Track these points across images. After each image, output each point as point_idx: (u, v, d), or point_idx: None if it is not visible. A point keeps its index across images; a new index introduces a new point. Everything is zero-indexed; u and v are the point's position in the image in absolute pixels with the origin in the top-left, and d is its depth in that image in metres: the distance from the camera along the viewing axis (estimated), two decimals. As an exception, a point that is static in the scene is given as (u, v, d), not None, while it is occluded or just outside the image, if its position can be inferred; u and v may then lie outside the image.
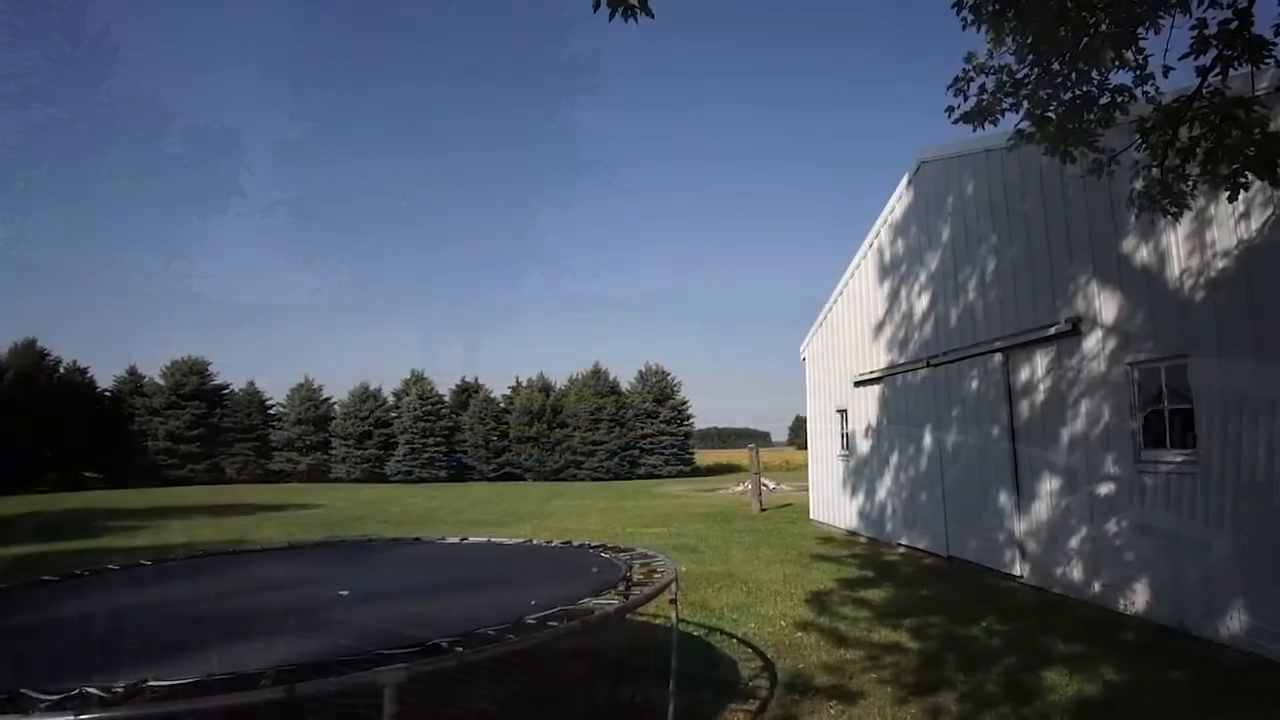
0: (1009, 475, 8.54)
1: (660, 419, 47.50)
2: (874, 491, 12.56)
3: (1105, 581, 7.00)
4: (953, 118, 4.30)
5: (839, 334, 14.50)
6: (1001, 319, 8.80)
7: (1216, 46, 3.65)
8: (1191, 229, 6.00)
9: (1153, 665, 5.37)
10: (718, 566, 10.30)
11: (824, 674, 5.45)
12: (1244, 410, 5.53)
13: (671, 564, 4.98)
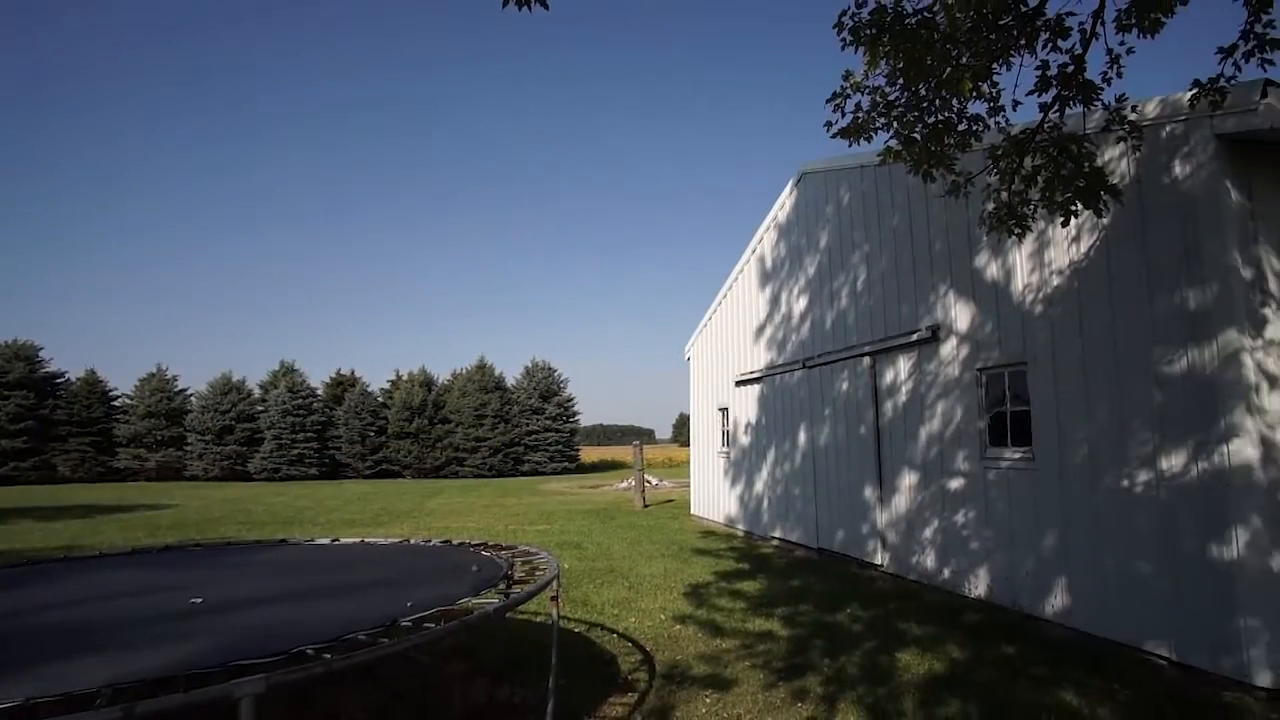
0: (873, 471, 9.13)
1: (546, 415, 47.17)
2: (752, 486, 13.06)
3: (953, 568, 7.64)
4: (830, 132, 4.52)
5: (722, 335, 14.96)
6: (871, 324, 9.40)
7: (1056, 86, 4.06)
8: (1033, 249, 6.65)
9: (990, 642, 5.92)
10: (600, 562, 10.37)
11: (701, 664, 5.61)
12: (1071, 412, 6.20)
13: (554, 561, 4.96)
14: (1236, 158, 5.07)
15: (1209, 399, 5.01)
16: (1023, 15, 3.96)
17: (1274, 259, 5.09)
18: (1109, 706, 4.54)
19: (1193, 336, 5.15)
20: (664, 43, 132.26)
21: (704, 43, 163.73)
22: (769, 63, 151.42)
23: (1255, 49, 3.56)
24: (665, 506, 19.53)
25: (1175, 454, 5.24)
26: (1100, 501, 5.86)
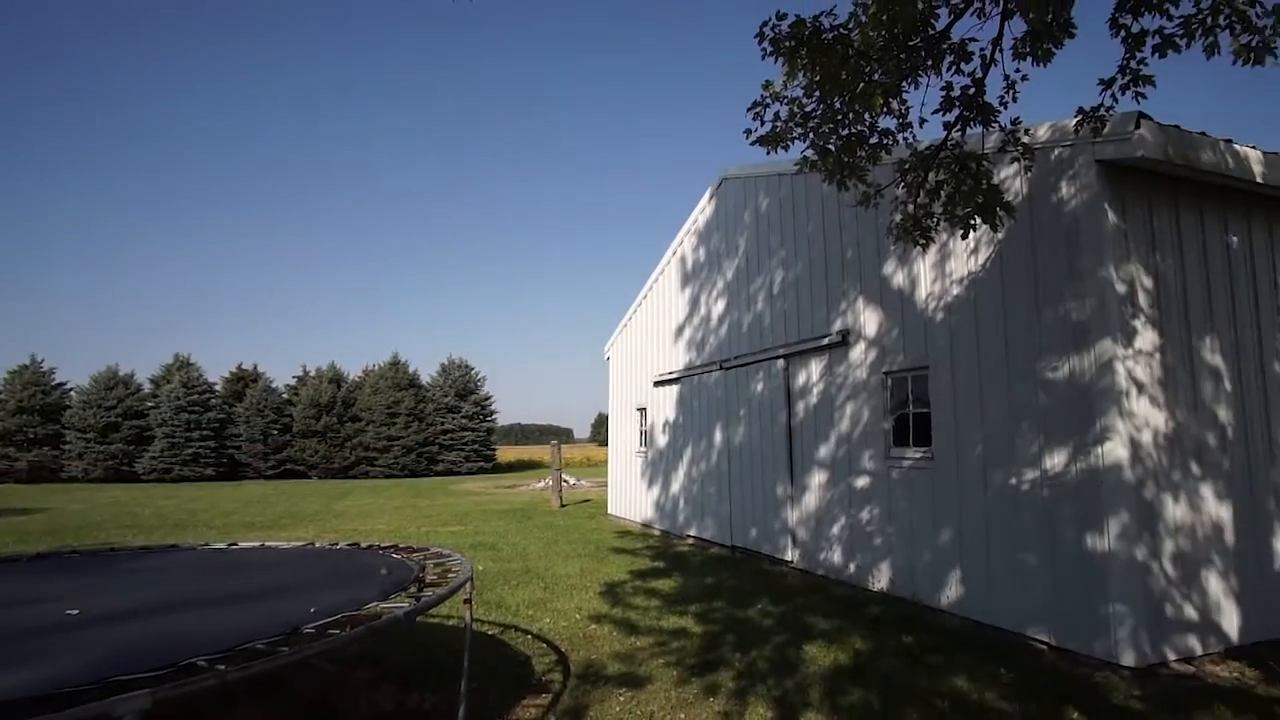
0: (786, 470, 9.41)
1: (462, 414, 46.16)
2: (669, 486, 13.21)
3: (858, 563, 7.97)
4: (750, 139, 4.63)
5: (642, 335, 15.06)
6: (786, 328, 9.68)
7: (958, 107, 4.30)
8: (936, 259, 7.03)
9: (891, 633, 6.21)
10: (516, 563, 10.24)
11: (615, 662, 5.63)
12: (967, 414, 6.59)
13: (467, 563, 4.87)
14: (1114, 181, 5.52)
15: (1087, 403, 5.43)
16: (930, 38, 4.17)
17: (1143, 276, 5.57)
18: (995, 690, 4.85)
19: (1074, 345, 5.56)
20: (596, 46, 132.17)
21: (631, 48, 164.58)
22: (693, 69, 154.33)
23: (1130, 83, 3.89)
24: (583, 506, 19.49)
25: (1057, 454, 5.65)
26: (991, 498, 6.25)
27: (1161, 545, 5.28)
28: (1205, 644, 5.34)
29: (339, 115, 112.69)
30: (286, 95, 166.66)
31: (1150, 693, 4.72)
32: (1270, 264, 6.27)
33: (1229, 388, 5.82)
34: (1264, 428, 5.95)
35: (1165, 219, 5.77)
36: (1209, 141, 5.52)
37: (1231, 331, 5.92)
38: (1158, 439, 5.40)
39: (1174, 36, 3.64)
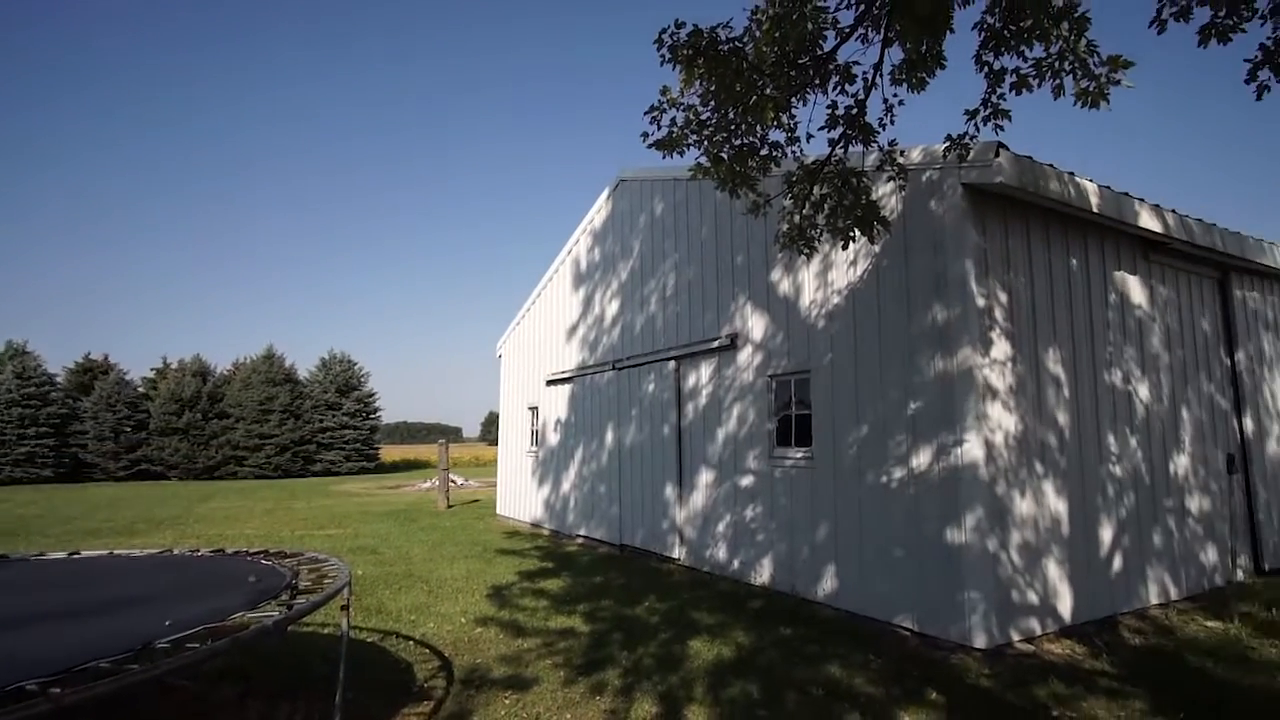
0: (675, 469, 9.60)
1: (343, 411, 43.94)
2: (559, 486, 13.14)
3: (741, 559, 8.25)
4: (646, 143, 4.69)
5: (535, 333, 14.91)
6: (677, 330, 9.87)
7: (842, 125, 4.55)
8: (819, 268, 7.38)
9: (771, 626, 6.47)
10: (398, 567, 9.87)
11: (501, 665, 5.54)
12: (845, 416, 6.97)
13: (345, 568, 4.65)
14: (976, 204, 6.01)
15: (949, 406, 5.87)
16: (818, 58, 4.38)
17: (1000, 291, 6.10)
18: (864, 675, 5.16)
19: (940, 353, 6.01)
20: (493, 45, 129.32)
21: (529, 49, 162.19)
22: (591, 70, 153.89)
23: (991, 115, 4.25)
24: (471, 507, 19.05)
25: (923, 453, 6.08)
26: (865, 495, 6.64)
27: (1009, 537, 5.79)
28: (1044, 625, 5.92)
29: (219, 84, 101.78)
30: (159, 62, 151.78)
31: (997, 671, 5.17)
32: (1102, 285, 7.03)
33: (1067, 395, 6.47)
34: (1095, 431, 6.66)
35: (1019, 239, 6.35)
36: (1056, 172, 6.12)
37: (1070, 344, 6.59)
38: (1008, 440, 5.92)
39: (1028, 76, 4.01)
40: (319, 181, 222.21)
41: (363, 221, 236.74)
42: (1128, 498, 6.82)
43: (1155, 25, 3.76)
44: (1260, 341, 8.84)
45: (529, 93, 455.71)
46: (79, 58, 66.54)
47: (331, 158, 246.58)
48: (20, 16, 75.61)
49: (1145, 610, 6.66)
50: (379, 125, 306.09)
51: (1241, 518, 8.13)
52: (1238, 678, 4.99)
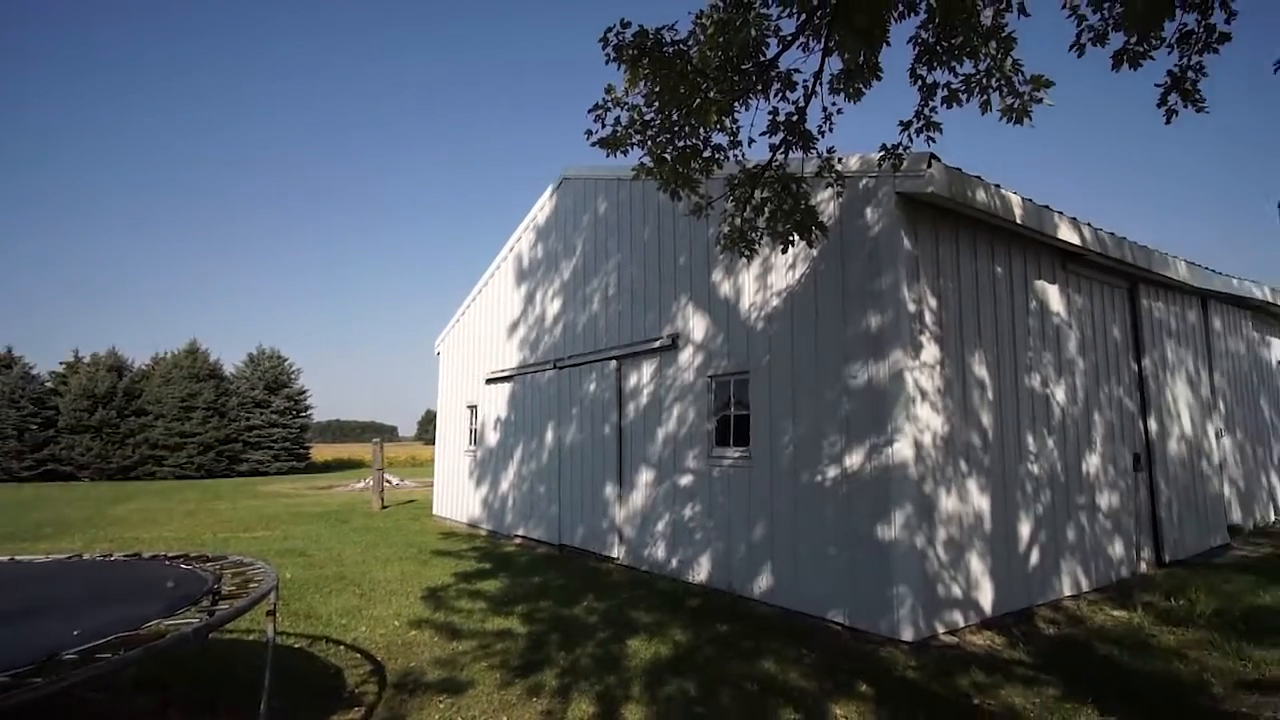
0: (615, 469, 9.61)
1: (272, 409, 42.32)
2: (498, 485, 12.98)
3: (680, 558, 8.32)
4: (590, 141, 4.68)
5: (475, 331, 14.69)
6: (619, 330, 9.88)
7: (783, 131, 4.63)
8: (759, 271, 7.51)
9: (709, 623, 6.55)
10: (329, 569, 9.57)
11: (436, 669, 5.44)
12: (782, 417, 7.11)
13: (272, 571, 4.48)
14: (909, 211, 6.22)
15: (881, 408, 6.06)
16: (761, 64, 4.46)
17: (929, 296, 6.33)
18: (798, 670, 5.28)
19: (873, 356, 6.19)
20: (433, 42, 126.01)
21: (471, 46, 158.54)
22: (536, 66, 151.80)
23: (924, 127, 4.41)
24: (406, 507, 18.63)
25: (857, 453, 6.26)
26: (800, 494, 6.79)
27: (936, 533, 6.02)
28: (967, 617, 6.17)
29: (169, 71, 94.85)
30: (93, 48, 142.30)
31: (923, 663, 5.36)
32: (1024, 293, 7.38)
33: (991, 397, 6.77)
34: (1015, 431, 6.99)
35: (948, 247, 6.60)
36: (983, 184, 6.39)
37: (994, 348, 6.89)
38: (936, 440, 6.15)
39: (958, 91, 4.18)
40: (259, 172, 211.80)
41: (296, 215, 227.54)
42: (1044, 495, 7.18)
43: (1075, 49, 3.96)
44: (1164, 348, 9.44)
45: (473, 88, 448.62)
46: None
47: (268, 148, 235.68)
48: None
49: (1059, 601, 7.03)
50: (323, 120, 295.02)
51: (1145, 513, 8.66)
52: (1140, 664, 5.31)
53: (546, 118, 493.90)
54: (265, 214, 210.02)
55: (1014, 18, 3.96)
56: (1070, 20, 3.94)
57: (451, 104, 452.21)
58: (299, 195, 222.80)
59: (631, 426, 9.47)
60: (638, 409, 9.37)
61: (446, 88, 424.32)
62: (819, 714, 4.50)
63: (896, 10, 4.02)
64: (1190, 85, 3.90)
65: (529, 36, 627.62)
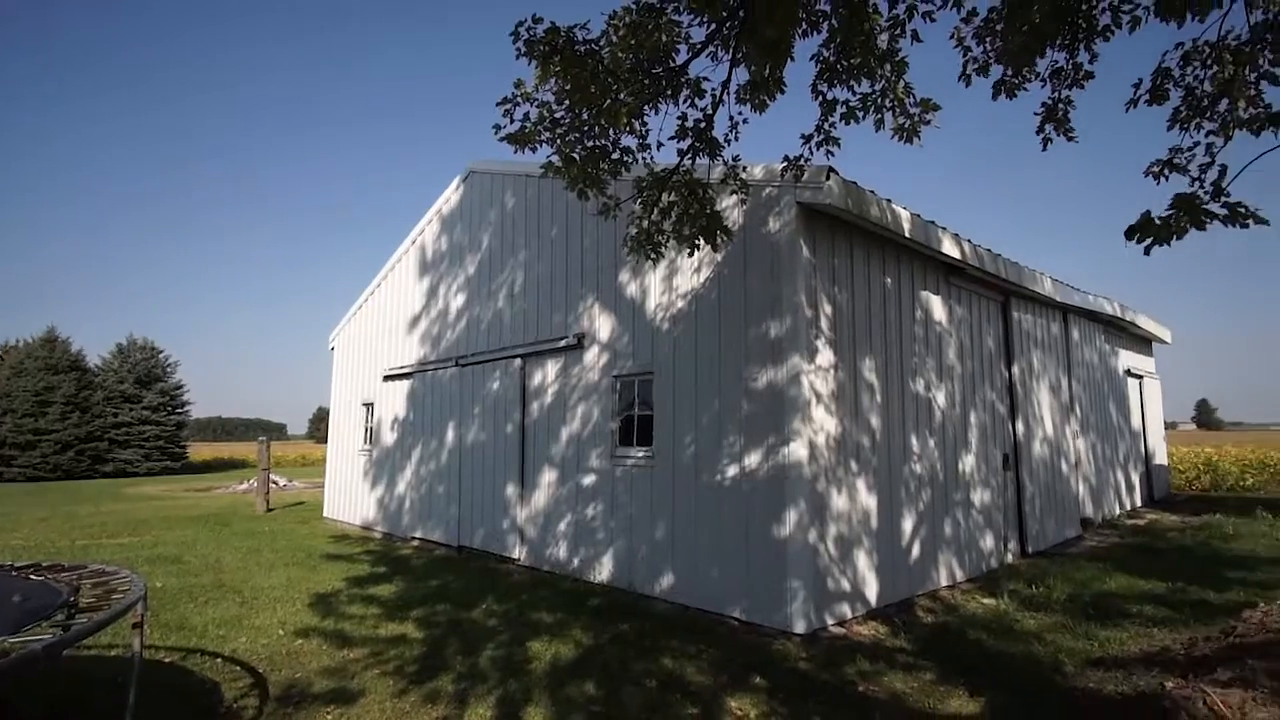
0: (517, 468, 9.49)
1: (144, 405, 39.08)
2: (394, 486, 12.54)
3: (582, 557, 8.32)
4: (498, 135, 4.61)
5: (373, 326, 14.12)
6: (525, 328, 9.76)
7: (691, 137, 4.72)
8: (665, 273, 7.62)
9: (610, 622, 6.58)
10: (205, 577, 8.95)
11: (324, 679, 5.19)
12: (684, 417, 7.23)
13: (139, 581, 4.14)
14: (808, 221, 6.48)
15: (778, 410, 6.28)
16: (671, 70, 4.52)
17: (825, 303, 6.62)
18: (696, 665, 5.39)
19: (772, 359, 6.41)
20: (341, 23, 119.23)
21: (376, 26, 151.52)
22: (436, 58, 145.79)
23: (824, 141, 4.61)
24: (294, 510, 17.67)
25: (755, 453, 6.46)
26: (701, 493, 6.94)
27: (827, 530, 6.30)
28: (854, 609, 6.49)
29: None
30: None
31: (813, 654, 5.60)
32: (910, 302, 7.84)
33: (879, 400, 7.15)
34: (901, 433, 7.41)
35: (843, 257, 6.92)
36: (876, 199, 6.74)
37: (883, 354, 7.29)
38: (829, 441, 6.44)
39: (856, 109, 4.39)
40: (136, 159, 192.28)
41: (177, 201, 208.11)
42: (925, 493, 7.66)
43: (962, 79, 4.25)
44: (1030, 357, 10.28)
45: (373, 81, 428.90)
46: None
47: (153, 134, 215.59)
48: None
49: (936, 591, 7.51)
50: (212, 112, 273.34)
51: (1012, 508, 9.40)
52: (1005, 647, 5.76)
53: (449, 110, 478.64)
54: (136, 194, 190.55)
55: (907, 43, 4.21)
56: (958, 50, 4.23)
57: (349, 88, 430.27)
58: (175, 186, 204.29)
59: (535, 426, 9.38)
60: (542, 408, 9.29)
61: (342, 71, 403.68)
62: (715, 708, 4.61)
63: (801, 28, 4.18)
64: (1063, 116, 4.27)
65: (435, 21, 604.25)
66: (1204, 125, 3.78)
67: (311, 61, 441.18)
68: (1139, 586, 7.65)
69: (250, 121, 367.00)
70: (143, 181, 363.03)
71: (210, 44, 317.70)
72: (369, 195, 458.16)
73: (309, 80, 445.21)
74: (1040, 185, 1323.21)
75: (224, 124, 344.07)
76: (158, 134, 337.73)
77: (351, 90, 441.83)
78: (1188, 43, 3.81)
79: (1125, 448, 14.41)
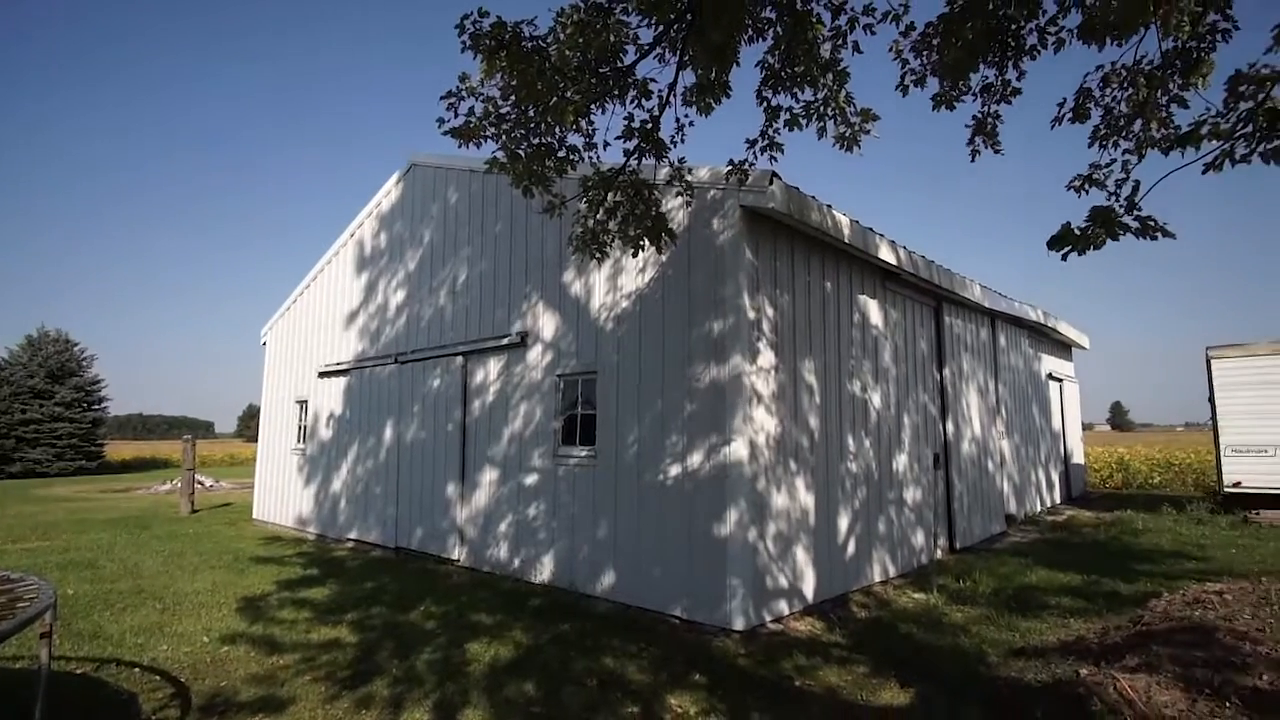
0: (458, 467, 9.34)
1: (56, 400, 36.83)
2: (329, 485, 12.17)
3: (523, 558, 8.25)
4: (442, 129, 4.52)
5: (309, 320, 13.67)
6: (467, 325, 9.61)
7: (637, 138, 4.73)
8: (610, 273, 7.62)
9: (551, 622, 6.54)
10: (123, 583, 8.50)
11: (251, 686, 5.01)
12: (628, 416, 7.25)
13: (48, 587, 3.91)
14: (751, 224, 6.58)
15: (721, 409, 6.36)
16: (618, 70, 4.52)
17: (767, 305, 6.73)
18: (637, 664, 5.41)
19: (714, 360, 6.48)
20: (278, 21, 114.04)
21: (319, 21, 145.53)
22: (382, 49, 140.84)
23: (768, 146, 4.69)
24: (221, 511, 16.96)
25: (697, 452, 6.53)
26: (643, 492, 6.97)
27: (767, 528, 6.42)
28: (791, 605, 6.63)
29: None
30: None
31: (752, 650, 5.70)
32: (849, 306, 8.06)
33: (818, 401, 7.32)
34: (839, 433, 7.61)
35: (785, 260, 7.06)
36: (817, 204, 6.90)
37: (822, 356, 7.46)
38: (769, 441, 6.56)
39: (799, 116, 4.48)
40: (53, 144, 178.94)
41: (92, 188, 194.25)
42: (861, 491, 7.88)
43: (899, 89, 4.39)
44: (961, 361, 10.69)
45: (305, 74, 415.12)
46: None
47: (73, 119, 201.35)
48: None
49: (870, 587, 7.74)
50: (141, 99, 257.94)
51: (942, 506, 9.76)
52: (934, 640, 5.98)
53: (392, 103, 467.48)
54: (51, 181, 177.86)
55: (849, 54, 4.32)
56: (896, 63, 4.36)
57: (287, 74, 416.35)
58: (88, 172, 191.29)
59: (477, 424, 9.25)
60: (484, 406, 9.17)
61: (282, 63, 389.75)
62: (656, 705, 4.64)
63: (747, 34, 4.25)
64: (991, 129, 4.46)
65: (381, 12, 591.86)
66: (1121, 143, 4.01)
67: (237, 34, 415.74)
68: (1058, 579, 8.05)
69: (173, 110, 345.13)
70: (51, 169, 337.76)
71: (159, 34, 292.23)
72: (304, 185, 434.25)
73: (221, 60, 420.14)
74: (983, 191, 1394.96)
75: (147, 110, 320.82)
76: (79, 113, 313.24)
77: (287, 79, 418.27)
78: (1107, 65, 4.04)
79: (1046, 448, 15.14)
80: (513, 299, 8.92)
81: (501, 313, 9.06)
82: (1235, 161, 3.17)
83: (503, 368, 8.94)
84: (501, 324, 9.02)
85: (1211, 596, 5.38)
